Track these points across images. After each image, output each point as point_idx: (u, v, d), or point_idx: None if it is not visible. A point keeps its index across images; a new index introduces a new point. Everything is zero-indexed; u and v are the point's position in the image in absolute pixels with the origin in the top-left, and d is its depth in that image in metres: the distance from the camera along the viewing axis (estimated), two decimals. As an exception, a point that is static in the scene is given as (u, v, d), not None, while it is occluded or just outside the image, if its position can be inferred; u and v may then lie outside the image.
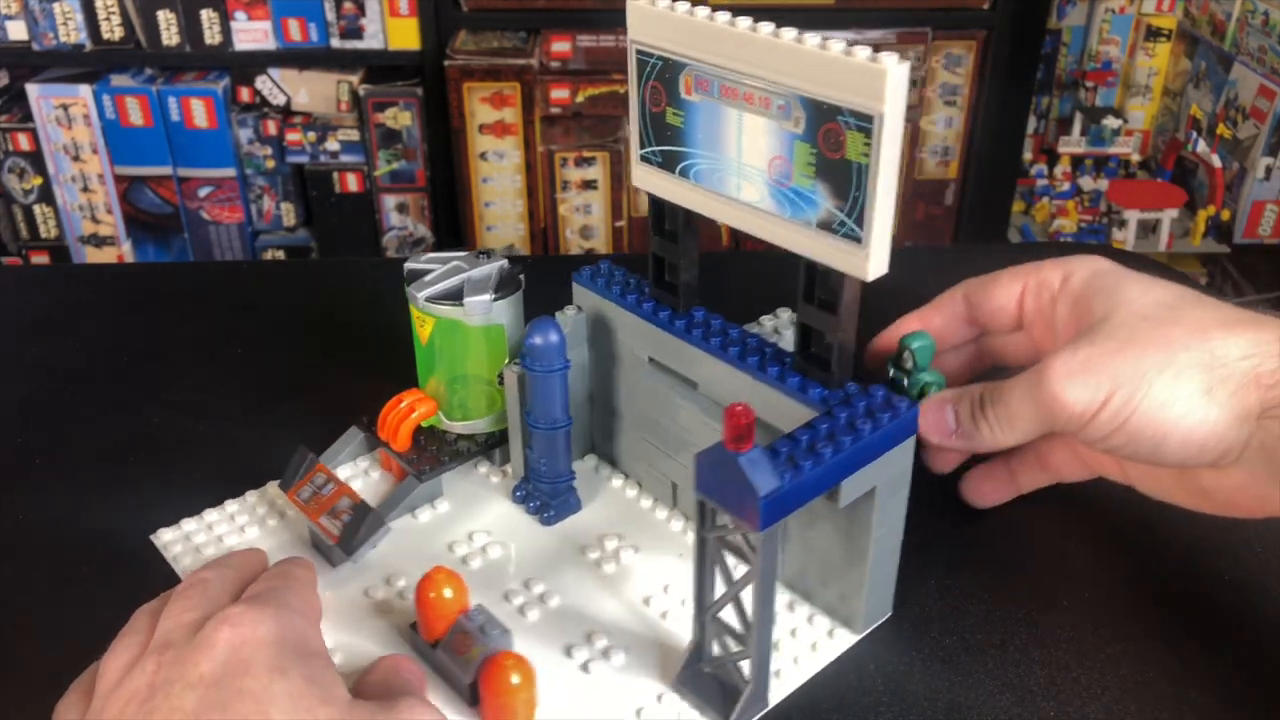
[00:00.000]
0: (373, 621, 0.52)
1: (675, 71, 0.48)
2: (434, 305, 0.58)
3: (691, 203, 0.50)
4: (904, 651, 0.51)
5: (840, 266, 0.45)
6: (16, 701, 0.49)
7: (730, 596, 0.46)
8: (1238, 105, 1.87)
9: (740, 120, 0.46)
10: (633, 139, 0.51)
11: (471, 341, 0.59)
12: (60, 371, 0.73)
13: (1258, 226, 1.89)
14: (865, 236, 0.43)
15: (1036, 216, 2.00)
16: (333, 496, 0.55)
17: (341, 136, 1.84)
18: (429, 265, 0.60)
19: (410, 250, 1.92)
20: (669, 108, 0.49)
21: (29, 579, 0.56)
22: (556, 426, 0.57)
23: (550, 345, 0.55)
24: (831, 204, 0.44)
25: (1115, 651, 0.51)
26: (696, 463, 0.43)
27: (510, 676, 0.45)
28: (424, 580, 0.48)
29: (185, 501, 0.61)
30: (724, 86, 0.46)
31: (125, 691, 0.40)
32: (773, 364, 0.50)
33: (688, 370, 0.54)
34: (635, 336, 0.56)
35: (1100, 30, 2.04)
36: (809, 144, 0.44)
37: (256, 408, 0.69)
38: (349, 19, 1.76)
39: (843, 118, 0.42)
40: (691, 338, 0.53)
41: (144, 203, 1.88)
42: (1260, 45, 1.82)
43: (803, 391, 0.48)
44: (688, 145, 0.49)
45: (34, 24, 1.74)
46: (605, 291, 0.57)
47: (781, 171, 0.46)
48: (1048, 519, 0.59)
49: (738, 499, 0.42)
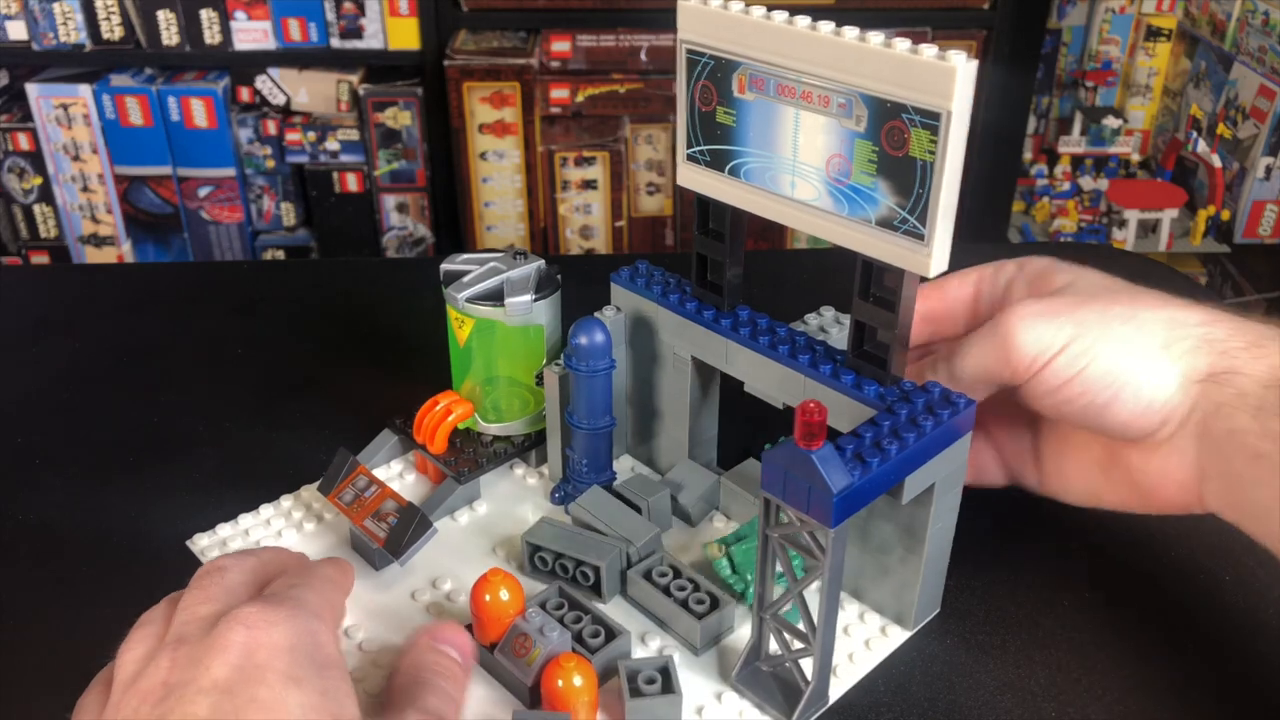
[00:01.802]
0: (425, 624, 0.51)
1: (728, 71, 0.47)
2: (474, 306, 0.57)
3: (742, 201, 0.50)
4: (904, 652, 0.51)
5: (900, 264, 0.45)
6: (17, 701, 0.49)
7: (794, 594, 0.46)
8: (1238, 105, 1.87)
9: (797, 118, 0.46)
10: (679, 138, 0.51)
11: (510, 342, 0.59)
12: (60, 371, 0.73)
13: (1258, 226, 1.89)
14: (928, 234, 0.43)
15: (1036, 216, 2.00)
16: (376, 499, 0.54)
17: (341, 136, 1.84)
18: (466, 266, 0.60)
19: (410, 250, 1.92)
20: (720, 106, 0.49)
21: (29, 579, 0.56)
22: (599, 427, 0.57)
23: (596, 345, 0.55)
24: (893, 201, 0.44)
25: (1115, 651, 0.51)
26: (765, 461, 0.43)
27: (573, 678, 0.45)
28: (480, 583, 0.48)
29: (185, 501, 0.61)
30: (780, 85, 0.46)
31: (140, 689, 0.39)
32: (825, 362, 0.50)
33: (733, 369, 0.54)
34: (677, 336, 0.56)
35: (1100, 30, 2.04)
36: (870, 142, 0.44)
37: (256, 408, 0.69)
38: (349, 19, 1.76)
39: (908, 115, 0.42)
40: (739, 336, 0.53)
41: (144, 202, 1.88)
42: (1260, 45, 1.82)
43: (858, 389, 0.49)
44: (739, 144, 0.49)
45: (34, 24, 1.74)
46: (646, 291, 0.57)
47: (840, 169, 0.45)
48: (1048, 519, 0.59)
49: (809, 497, 0.42)
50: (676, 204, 1.84)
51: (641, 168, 1.86)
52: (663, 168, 1.82)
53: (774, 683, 0.48)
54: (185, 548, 0.58)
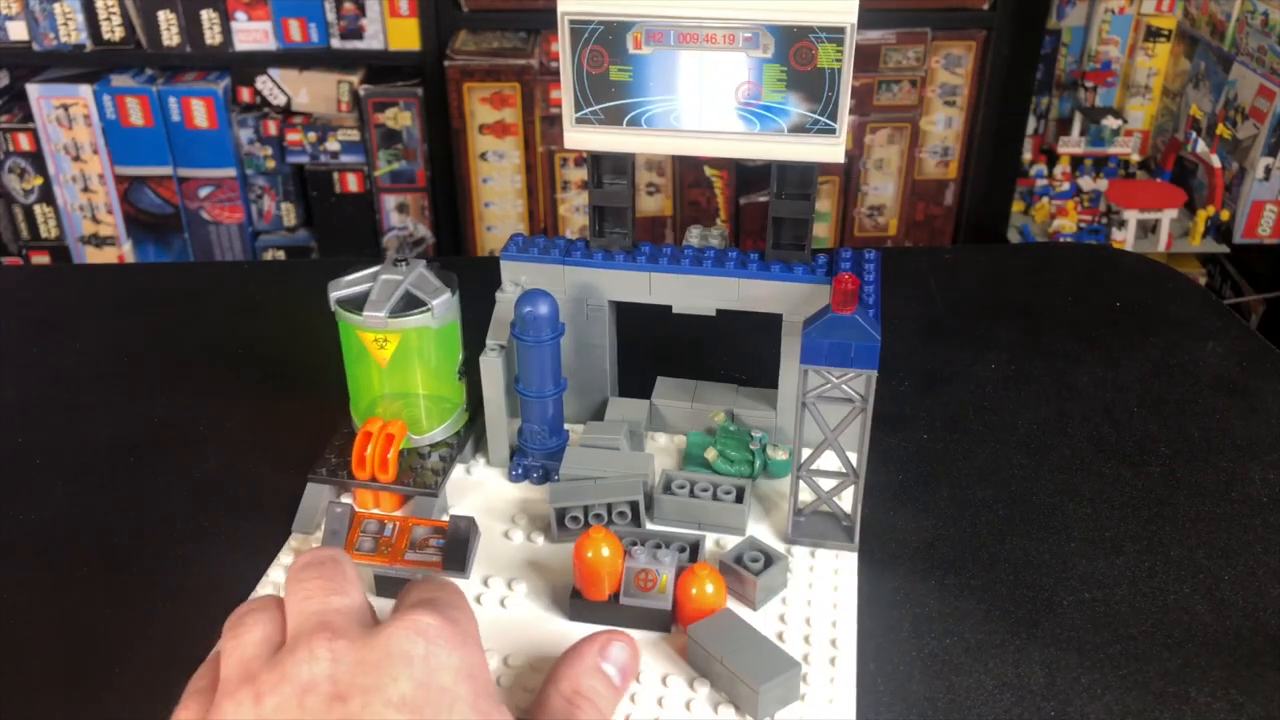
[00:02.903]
0: (519, 624, 0.52)
1: (621, 31, 0.52)
2: (400, 319, 0.57)
3: (647, 147, 0.55)
4: (904, 651, 0.52)
5: (815, 158, 0.55)
6: (17, 701, 0.49)
7: (831, 443, 0.54)
8: (1237, 105, 1.87)
9: (700, 59, 0.52)
10: (566, 106, 0.54)
11: (436, 345, 0.59)
12: (60, 371, 0.73)
13: (1257, 226, 1.89)
14: (839, 128, 0.53)
15: (1036, 216, 2.00)
16: (402, 534, 0.53)
17: (342, 137, 1.84)
18: (356, 287, 0.58)
19: (410, 250, 1.91)
20: (614, 66, 0.53)
21: (29, 579, 0.56)
22: (556, 392, 0.59)
23: (543, 316, 0.57)
24: (805, 109, 0.53)
25: (1115, 651, 0.51)
26: (805, 336, 0.52)
27: (706, 585, 0.50)
28: (582, 541, 0.50)
29: (185, 501, 0.61)
30: (681, 34, 0.52)
31: (297, 681, 0.36)
32: (749, 262, 0.59)
33: (658, 297, 0.61)
34: (589, 288, 0.61)
35: (1100, 30, 2.04)
36: (779, 64, 0.52)
37: (257, 408, 0.69)
38: (349, 19, 1.76)
39: (815, 35, 0.51)
40: (661, 265, 0.60)
41: (144, 203, 1.88)
42: (1260, 45, 1.82)
43: (789, 271, 0.58)
44: (637, 95, 0.54)
45: (34, 24, 1.74)
46: (543, 257, 0.60)
47: (750, 94, 0.53)
48: (1048, 519, 0.59)
49: (852, 353, 0.52)
50: (676, 204, 1.84)
51: (641, 167, 1.86)
52: (662, 168, 1.82)
53: (819, 525, 0.57)
54: (183, 548, 0.58)
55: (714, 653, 0.48)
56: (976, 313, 0.80)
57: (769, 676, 0.46)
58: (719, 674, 0.48)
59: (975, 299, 0.83)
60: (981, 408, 0.69)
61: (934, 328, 0.78)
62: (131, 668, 0.51)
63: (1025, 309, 0.81)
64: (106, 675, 0.50)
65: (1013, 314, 0.80)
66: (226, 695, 0.37)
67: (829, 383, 0.53)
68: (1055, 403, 0.70)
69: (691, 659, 0.49)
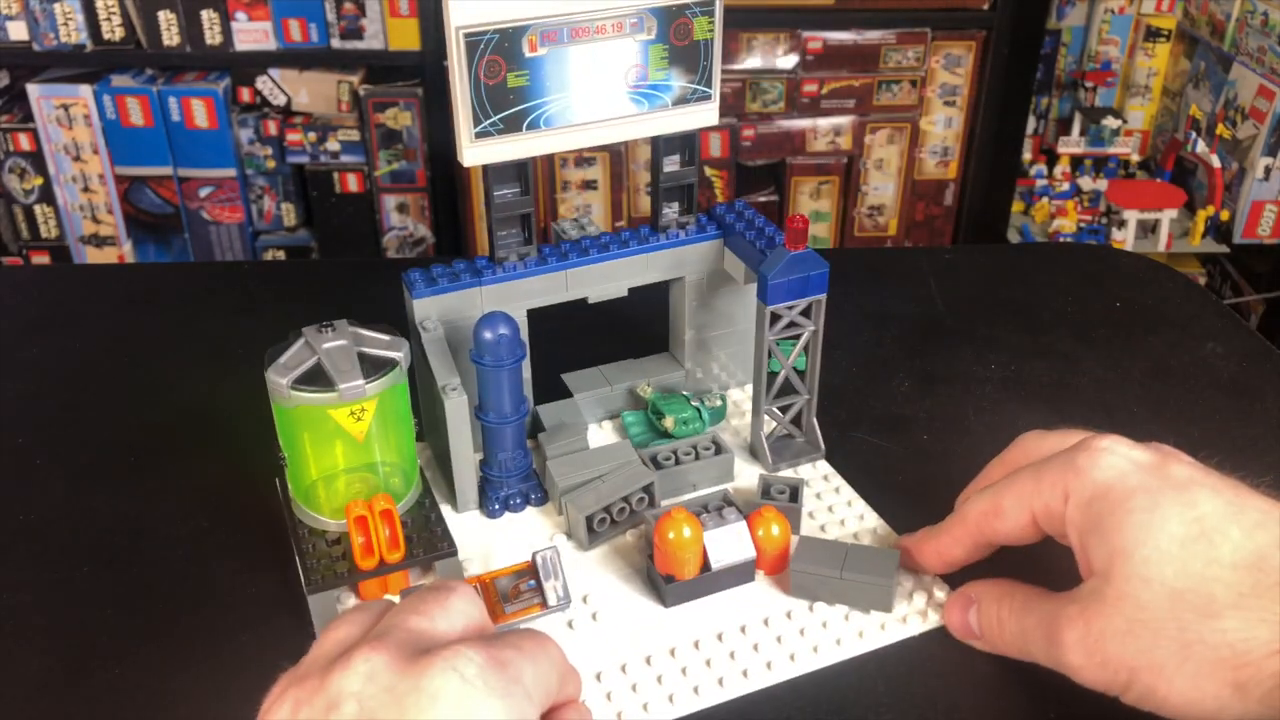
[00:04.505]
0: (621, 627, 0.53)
1: (516, 37, 0.53)
2: (375, 382, 0.52)
3: (548, 147, 0.56)
4: (904, 652, 0.52)
5: (697, 125, 0.59)
6: (17, 701, 0.49)
7: (788, 370, 0.60)
8: (1237, 105, 1.87)
9: (592, 51, 0.55)
10: (462, 123, 0.54)
11: (400, 401, 0.55)
12: (60, 371, 0.73)
13: (1257, 226, 1.89)
14: (714, 93, 0.58)
15: (1036, 216, 2.00)
16: (487, 592, 0.53)
17: (342, 137, 1.84)
18: (296, 362, 0.53)
19: (410, 250, 1.91)
20: (510, 73, 0.53)
21: (29, 579, 0.56)
22: (510, 419, 0.58)
23: (506, 338, 0.56)
24: (685, 81, 0.57)
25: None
26: (769, 282, 0.57)
27: (773, 527, 0.55)
28: (662, 522, 0.53)
29: (186, 502, 0.61)
30: (574, 29, 0.54)
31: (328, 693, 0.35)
32: (649, 238, 0.63)
33: (575, 291, 0.62)
34: (507, 301, 0.60)
35: (1100, 31, 2.04)
36: (662, 43, 0.56)
37: (257, 408, 0.69)
38: (349, 19, 1.76)
39: (690, 10, 0.55)
40: (574, 261, 0.61)
41: (144, 203, 1.88)
42: (1260, 45, 1.82)
43: (687, 233, 0.63)
44: (535, 98, 0.55)
45: (34, 24, 1.74)
46: (456, 284, 0.59)
47: (638, 76, 0.56)
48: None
49: (808, 284, 0.58)
50: (676, 204, 1.84)
51: (641, 168, 1.86)
52: (663, 168, 1.82)
53: (784, 447, 0.63)
54: (183, 549, 0.58)
55: (829, 573, 0.53)
56: (976, 313, 0.80)
57: (890, 570, 0.52)
58: (835, 589, 0.53)
59: (975, 299, 0.83)
60: (981, 408, 0.69)
61: (934, 328, 0.78)
62: (131, 668, 0.51)
63: (1025, 309, 0.81)
64: (106, 675, 0.50)
65: (1013, 314, 0.80)
66: (281, 693, 0.36)
67: (784, 318, 0.59)
68: (1055, 403, 0.70)
69: (798, 588, 0.54)
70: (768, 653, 0.51)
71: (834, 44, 1.80)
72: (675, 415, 0.63)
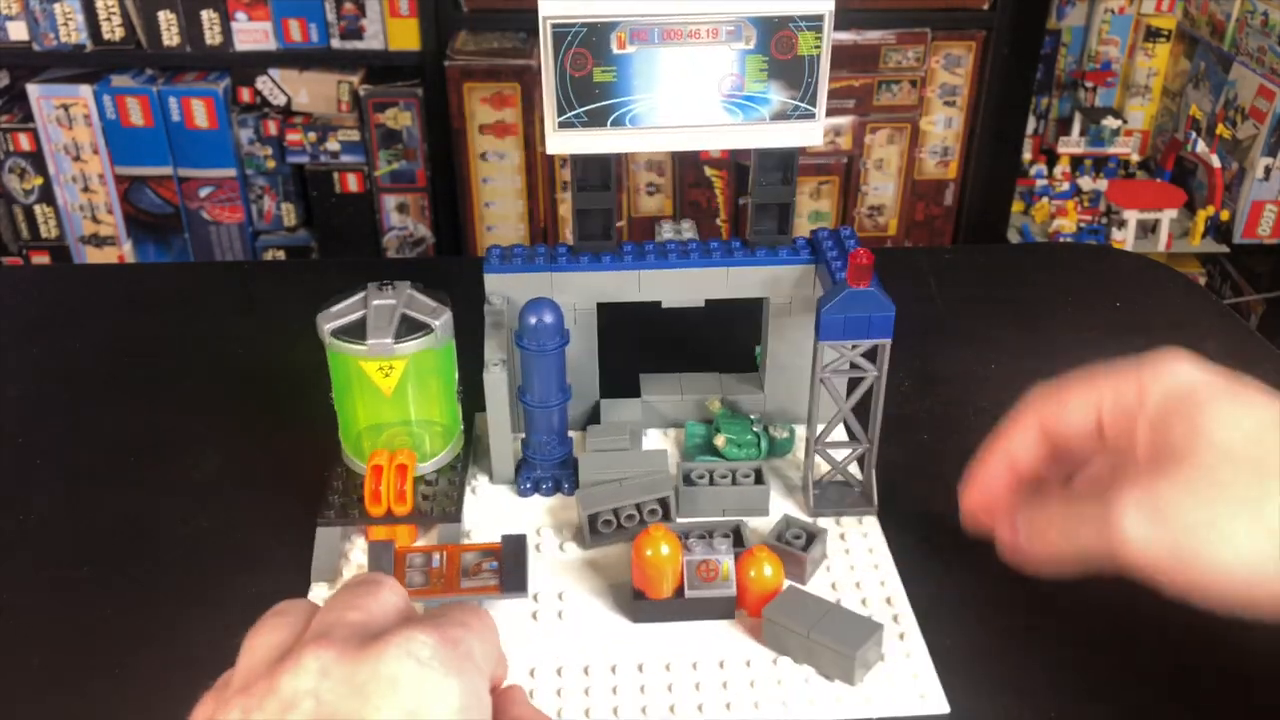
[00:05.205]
0: (583, 632, 0.53)
1: (604, 32, 0.52)
2: (405, 344, 0.55)
3: (632, 146, 0.56)
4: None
5: (796, 142, 0.57)
6: (17, 702, 0.49)
7: (844, 414, 0.58)
8: (1237, 105, 1.87)
9: (685, 55, 0.54)
10: (548, 111, 0.54)
11: (438, 367, 0.57)
12: (60, 371, 0.73)
13: (1257, 226, 1.89)
14: (818, 112, 0.56)
15: (1036, 216, 2.00)
16: (450, 563, 0.53)
17: (342, 137, 1.84)
18: (346, 315, 0.56)
19: (410, 250, 1.92)
20: (597, 67, 0.53)
21: (29, 579, 0.56)
22: (556, 403, 0.59)
23: (548, 324, 0.56)
24: (785, 96, 0.55)
25: (1115, 651, 0.51)
26: (823, 315, 0.55)
27: (765, 567, 0.52)
28: (641, 541, 0.51)
29: (186, 502, 0.61)
30: (665, 31, 0.53)
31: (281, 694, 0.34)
32: (736, 251, 0.61)
33: (647, 294, 0.61)
34: (577, 293, 0.60)
35: (1100, 31, 2.04)
36: (761, 54, 0.54)
37: (256, 408, 0.69)
38: (349, 19, 1.76)
39: (795, 24, 0.53)
40: (649, 262, 0.60)
41: (144, 203, 1.88)
42: (1260, 45, 1.82)
43: (774, 255, 0.61)
44: (621, 95, 0.54)
45: (34, 24, 1.74)
46: (528, 267, 0.60)
47: (734, 85, 0.55)
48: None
49: (869, 325, 0.55)
50: (676, 204, 1.85)
51: (641, 168, 1.86)
52: (662, 168, 1.82)
53: (835, 495, 0.60)
54: (184, 548, 0.58)
55: (798, 629, 0.50)
56: (976, 313, 0.80)
57: (859, 642, 0.49)
58: (804, 648, 0.50)
59: (975, 299, 0.83)
60: (981, 408, 0.69)
61: (934, 328, 0.78)
62: (131, 669, 0.51)
63: (1025, 309, 0.81)
64: (106, 676, 0.50)
65: (1013, 314, 0.80)
66: (225, 702, 0.35)
67: (842, 356, 0.56)
68: (1055, 403, 0.70)
69: (769, 638, 0.51)
70: (708, 693, 0.49)
71: (834, 44, 1.80)
72: (728, 436, 0.62)
